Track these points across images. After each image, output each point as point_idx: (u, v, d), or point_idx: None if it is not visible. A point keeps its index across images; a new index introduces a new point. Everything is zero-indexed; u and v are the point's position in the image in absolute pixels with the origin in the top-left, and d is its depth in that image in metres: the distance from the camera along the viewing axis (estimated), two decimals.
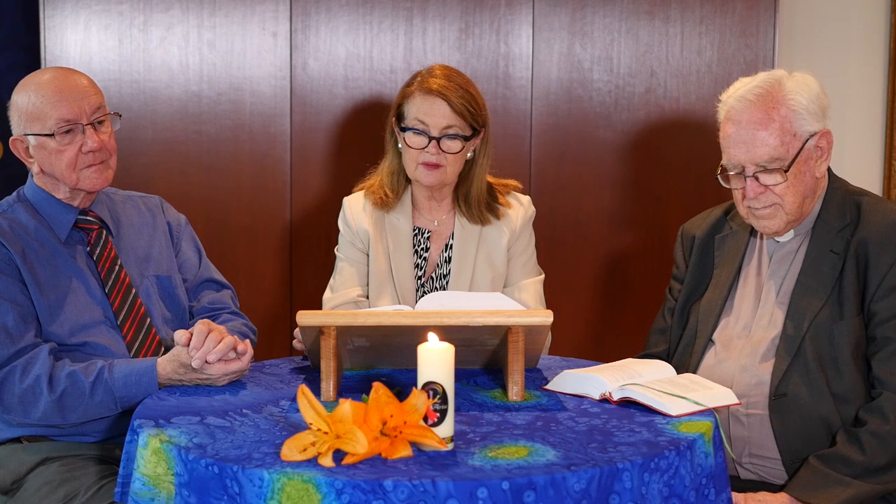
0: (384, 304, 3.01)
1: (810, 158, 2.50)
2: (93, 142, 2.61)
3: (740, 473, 2.56)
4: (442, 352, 2.00)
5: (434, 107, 2.93)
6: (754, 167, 2.48)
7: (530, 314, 2.37)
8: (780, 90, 2.49)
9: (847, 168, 4.09)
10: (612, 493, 1.92)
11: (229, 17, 3.79)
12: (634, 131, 3.84)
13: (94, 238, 2.69)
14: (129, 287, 2.68)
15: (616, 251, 3.90)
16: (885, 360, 2.43)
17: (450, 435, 2.01)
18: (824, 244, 2.52)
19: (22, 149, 2.65)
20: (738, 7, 3.79)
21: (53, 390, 2.45)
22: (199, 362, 2.37)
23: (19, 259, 2.56)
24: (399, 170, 3.05)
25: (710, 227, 2.73)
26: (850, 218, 2.52)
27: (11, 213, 2.66)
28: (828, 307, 2.48)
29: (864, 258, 2.47)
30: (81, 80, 2.65)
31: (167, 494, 2.06)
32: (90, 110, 2.62)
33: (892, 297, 2.43)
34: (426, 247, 3.07)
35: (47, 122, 2.59)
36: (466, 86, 2.98)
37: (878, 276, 2.44)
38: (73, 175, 2.62)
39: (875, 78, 4.10)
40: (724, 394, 2.33)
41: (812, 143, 2.49)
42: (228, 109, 3.81)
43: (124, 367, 2.47)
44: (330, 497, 1.85)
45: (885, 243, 2.46)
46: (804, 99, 2.48)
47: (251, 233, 3.85)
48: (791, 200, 2.49)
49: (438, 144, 2.93)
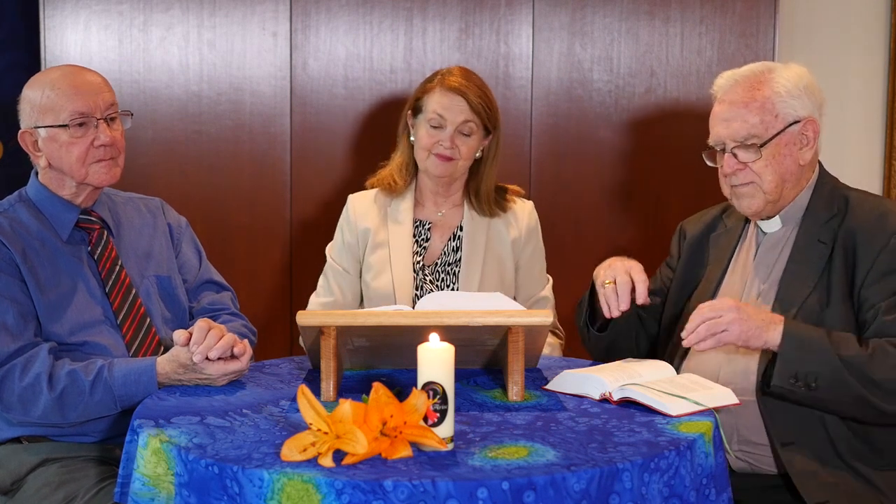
0: (381, 287, 3.06)
1: (792, 143, 2.56)
2: (105, 136, 2.62)
3: (731, 463, 2.57)
4: (442, 352, 2.00)
5: (453, 102, 3.06)
6: (732, 143, 2.56)
7: (530, 314, 2.37)
8: (769, 74, 2.58)
9: (847, 168, 4.09)
10: (612, 493, 1.92)
11: (229, 17, 3.79)
12: (634, 131, 3.84)
13: (95, 238, 2.69)
14: (129, 287, 2.68)
15: (616, 251, 3.88)
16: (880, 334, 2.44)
17: (450, 435, 2.01)
18: (812, 234, 2.57)
19: (30, 142, 2.65)
20: (738, 7, 3.79)
21: (53, 389, 2.45)
22: (199, 357, 2.37)
23: (19, 258, 2.57)
24: (409, 162, 3.17)
25: (705, 227, 2.80)
26: (838, 209, 2.57)
27: (12, 212, 2.66)
28: (816, 294, 2.52)
29: (853, 247, 2.51)
30: (96, 76, 2.68)
31: (167, 494, 2.06)
32: (104, 106, 2.63)
33: (881, 282, 2.46)
34: (427, 237, 3.15)
35: (61, 113, 2.60)
36: (484, 87, 3.13)
37: (866, 264, 2.48)
38: (82, 169, 2.62)
39: (875, 78, 4.10)
40: (724, 394, 2.33)
41: (796, 128, 2.55)
42: (228, 109, 3.81)
43: (124, 367, 2.47)
44: (330, 497, 1.85)
45: (872, 233, 2.50)
46: (790, 84, 2.56)
47: (251, 233, 3.85)
48: (769, 179, 2.55)
49: (452, 139, 3.05)
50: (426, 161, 3.10)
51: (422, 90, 3.13)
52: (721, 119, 2.58)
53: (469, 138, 3.08)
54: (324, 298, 3.18)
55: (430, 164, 3.09)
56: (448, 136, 3.05)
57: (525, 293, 3.17)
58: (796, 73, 2.58)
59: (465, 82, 3.07)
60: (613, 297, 2.57)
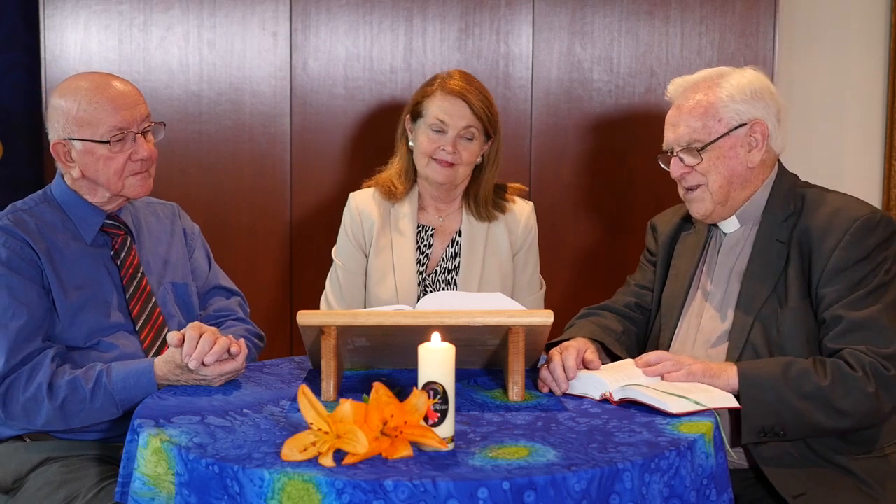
0: (384, 294, 3.05)
1: (738, 146, 2.58)
2: (144, 151, 2.62)
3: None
4: (442, 352, 2.00)
5: (455, 107, 3.03)
6: (678, 147, 2.61)
7: (531, 314, 2.37)
8: (717, 79, 2.61)
9: (847, 168, 4.09)
10: (613, 493, 1.92)
11: (229, 17, 3.79)
12: (634, 131, 3.84)
13: (118, 243, 2.69)
14: (149, 295, 2.69)
15: (616, 251, 3.90)
16: (838, 337, 2.45)
17: (450, 435, 2.01)
18: (770, 234, 2.59)
19: (63, 153, 2.62)
20: (738, 7, 3.79)
21: (54, 399, 2.45)
22: (195, 363, 2.38)
23: (44, 258, 2.56)
24: (409, 167, 3.14)
25: (676, 225, 2.83)
26: (795, 208, 2.60)
27: (37, 211, 2.65)
28: (775, 294, 2.54)
29: (808, 245, 2.53)
30: (129, 86, 2.66)
31: (167, 494, 2.06)
32: (140, 119, 2.63)
33: (836, 280, 2.48)
34: (429, 243, 3.13)
35: (99, 128, 2.58)
36: (485, 92, 3.10)
37: (821, 261, 2.50)
38: (118, 182, 2.62)
39: (875, 78, 4.10)
40: (723, 396, 2.33)
41: (742, 131, 2.58)
42: (228, 109, 3.81)
43: (122, 370, 2.47)
44: (330, 497, 1.85)
45: (826, 230, 2.51)
46: (735, 89, 2.58)
47: (251, 233, 3.85)
48: (714, 181, 2.58)
49: (455, 143, 3.03)
50: (426, 167, 3.07)
51: (421, 94, 3.10)
52: (670, 124, 2.64)
53: (471, 143, 3.05)
54: (333, 298, 3.16)
55: (430, 170, 3.07)
56: (450, 140, 3.03)
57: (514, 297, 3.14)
58: (746, 79, 2.60)
59: (466, 86, 3.05)
60: (553, 376, 2.48)
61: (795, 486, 2.42)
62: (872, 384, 2.37)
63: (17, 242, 2.56)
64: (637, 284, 2.87)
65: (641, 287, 2.85)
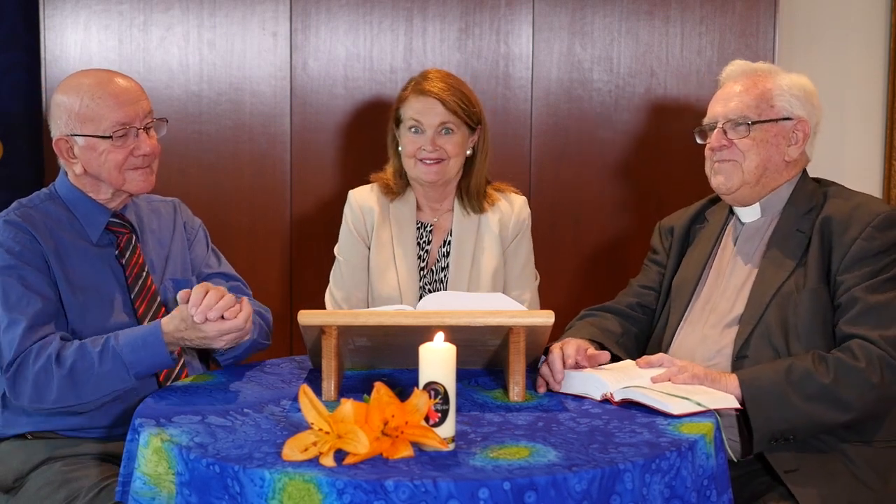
0: (385, 289, 3.06)
1: (781, 136, 2.65)
2: (146, 146, 2.63)
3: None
4: (443, 352, 2.00)
5: (427, 105, 3.06)
6: (725, 119, 2.66)
7: (532, 315, 2.37)
8: (776, 70, 2.71)
9: (847, 168, 4.09)
10: (614, 493, 1.92)
11: (229, 17, 3.79)
12: (634, 131, 3.84)
13: (123, 242, 2.69)
14: (154, 294, 2.69)
15: (616, 251, 3.90)
16: (853, 319, 2.49)
17: (451, 435, 2.01)
18: (791, 224, 2.64)
19: (65, 149, 2.63)
20: (738, 7, 3.79)
21: (62, 365, 2.44)
22: (200, 316, 2.37)
23: (52, 255, 2.57)
24: (401, 172, 3.16)
25: (689, 220, 2.88)
26: (817, 202, 2.65)
27: (44, 208, 2.65)
28: (793, 278, 2.58)
29: (829, 234, 2.58)
30: (131, 82, 2.66)
31: (168, 494, 2.06)
32: (143, 114, 2.63)
33: (856, 267, 2.52)
34: (428, 240, 3.15)
35: (102, 123, 2.58)
36: (459, 86, 3.11)
37: (842, 249, 2.54)
38: (119, 177, 2.62)
39: (875, 78, 4.10)
40: (724, 398, 2.33)
41: (788, 124, 2.65)
42: (228, 109, 3.81)
43: (129, 334, 2.47)
44: (331, 497, 1.85)
45: (848, 221, 2.56)
46: (792, 84, 2.67)
47: (251, 233, 3.85)
48: (752, 160, 2.64)
49: (434, 141, 3.04)
50: (414, 169, 3.09)
51: (399, 99, 3.13)
52: (720, 99, 2.69)
53: (452, 136, 3.06)
54: (337, 293, 3.17)
55: (418, 171, 3.08)
56: (429, 139, 3.05)
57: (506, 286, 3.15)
58: (801, 80, 2.70)
59: (438, 84, 3.06)
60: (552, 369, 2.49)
61: (789, 461, 2.44)
62: (878, 373, 2.39)
63: (26, 237, 2.56)
64: (639, 285, 2.88)
65: (644, 287, 2.86)
